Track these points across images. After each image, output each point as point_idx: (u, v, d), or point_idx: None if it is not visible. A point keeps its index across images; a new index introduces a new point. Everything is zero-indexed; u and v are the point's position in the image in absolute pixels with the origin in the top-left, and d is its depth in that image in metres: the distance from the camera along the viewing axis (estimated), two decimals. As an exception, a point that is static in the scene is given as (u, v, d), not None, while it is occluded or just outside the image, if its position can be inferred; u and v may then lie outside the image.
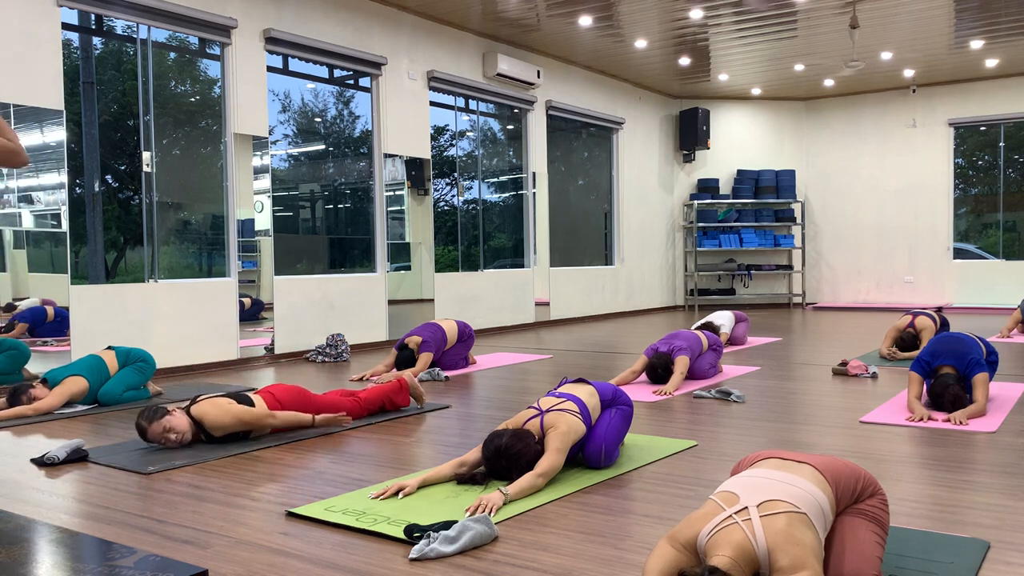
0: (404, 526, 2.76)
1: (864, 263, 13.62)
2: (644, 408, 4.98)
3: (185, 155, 7.63)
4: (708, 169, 13.82)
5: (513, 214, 11.01)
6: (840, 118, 13.68)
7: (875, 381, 5.84)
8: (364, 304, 8.46)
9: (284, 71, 7.99)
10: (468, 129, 10.29)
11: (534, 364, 7.15)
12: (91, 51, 7.09)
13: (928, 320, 7.10)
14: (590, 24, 9.45)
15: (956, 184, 12.99)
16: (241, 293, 7.40)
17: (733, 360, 7.09)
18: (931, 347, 4.82)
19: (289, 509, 3.04)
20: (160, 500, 3.23)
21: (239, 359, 7.32)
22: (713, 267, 13.73)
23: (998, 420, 4.39)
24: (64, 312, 6.22)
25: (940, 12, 9.13)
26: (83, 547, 2.67)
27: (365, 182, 8.95)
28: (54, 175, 6.21)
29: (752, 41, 10.28)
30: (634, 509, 3.01)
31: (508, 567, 2.46)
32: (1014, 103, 12.32)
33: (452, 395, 5.59)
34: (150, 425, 4.00)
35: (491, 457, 3.29)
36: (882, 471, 3.46)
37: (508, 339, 9.30)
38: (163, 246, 7.19)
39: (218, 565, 2.52)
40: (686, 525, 2.08)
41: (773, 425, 4.44)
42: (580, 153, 12.33)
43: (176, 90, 7.58)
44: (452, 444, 4.12)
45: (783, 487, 2.11)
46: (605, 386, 3.77)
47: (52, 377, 5.23)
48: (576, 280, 11.52)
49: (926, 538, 2.60)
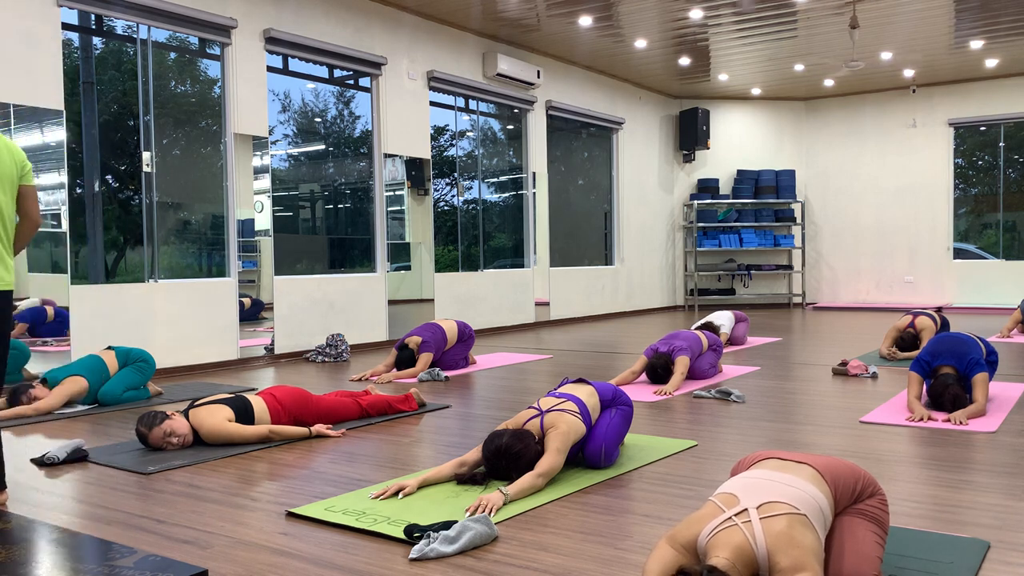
0: (404, 526, 2.76)
1: (864, 263, 13.62)
2: (644, 408, 4.98)
3: (185, 155, 7.63)
4: (708, 169, 13.82)
5: (513, 214, 11.01)
6: (840, 118, 13.68)
7: (875, 381, 5.84)
8: (364, 304, 8.46)
9: (284, 71, 7.99)
10: (468, 129, 10.30)
11: (534, 364, 7.15)
12: (91, 51, 7.09)
13: (928, 320, 7.10)
14: (590, 24, 9.45)
15: (956, 184, 12.99)
16: (241, 293, 7.40)
17: (733, 360, 7.09)
18: (931, 347, 4.82)
19: (289, 509, 3.04)
20: (160, 500, 3.23)
21: (239, 359, 7.32)
22: (713, 267, 13.73)
23: (998, 420, 4.39)
24: (64, 312, 6.22)
25: (940, 12, 9.12)
26: (83, 547, 2.67)
27: (365, 182, 8.95)
28: (54, 175, 6.20)
29: (752, 41, 10.28)
30: (634, 509, 3.01)
31: (508, 567, 2.46)
32: (1014, 103, 12.32)
33: (452, 395, 5.59)
34: (150, 431, 4.00)
35: (491, 457, 3.29)
36: (882, 471, 3.46)
37: (508, 339, 9.30)
38: (163, 246, 7.19)
39: (218, 565, 2.52)
40: (686, 526, 2.08)
41: (773, 425, 4.44)
42: (580, 153, 12.33)
43: (176, 90, 7.58)
44: (452, 444, 4.12)
45: (783, 488, 2.11)
46: (605, 386, 3.77)
47: (52, 377, 5.23)
48: (576, 280, 11.52)
49: (926, 538, 2.60)
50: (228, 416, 4.10)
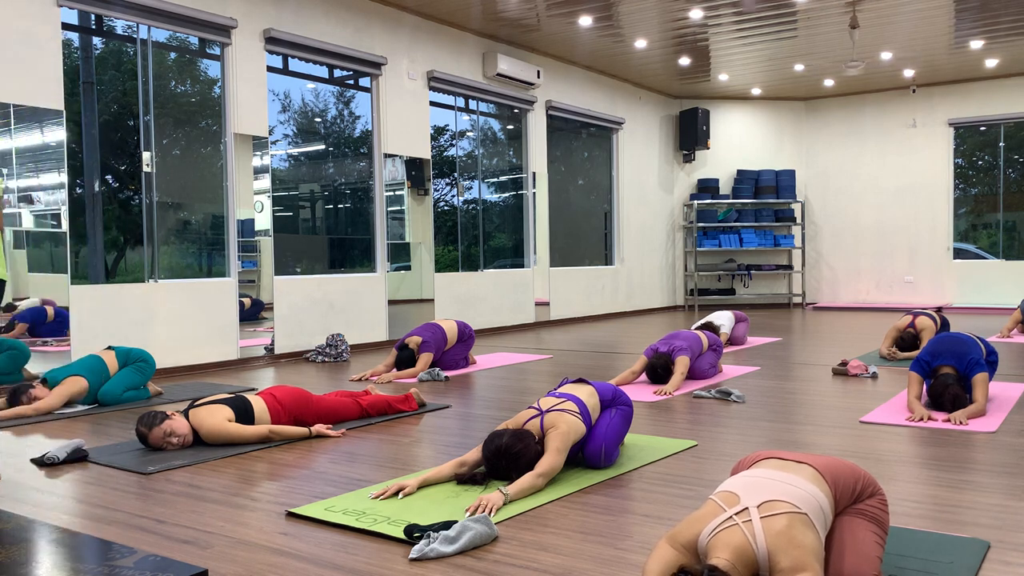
0: (404, 526, 2.76)
1: (864, 263, 13.62)
2: (644, 408, 4.98)
3: (185, 155, 7.63)
4: (708, 169, 13.82)
5: (513, 214, 11.01)
6: (840, 118, 13.68)
7: (875, 381, 5.84)
8: (364, 304, 8.46)
9: (284, 71, 7.99)
10: (468, 129, 10.30)
11: (534, 364, 7.15)
12: (91, 51, 7.09)
13: (928, 320, 7.10)
14: (590, 24, 9.45)
15: (956, 184, 12.99)
16: (241, 293, 7.40)
17: (733, 360, 7.09)
18: (931, 347, 4.82)
19: (289, 509, 3.04)
20: (160, 500, 3.23)
21: (239, 359, 7.32)
22: (713, 267, 13.73)
23: (998, 420, 4.39)
24: (64, 312, 6.22)
25: (940, 12, 9.13)
26: (83, 547, 2.67)
27: (365, 182, 8.95)
28: (54, 175, 6.20)
29: (752, 41, 10.28)
30: (634, 509, 3.01)
31: (508, 567, 2.46)
32: (1014, 103, 12.32)
33: (452, 395, 5.58)
34: (150, 431, 4.00)
35: (491, 457, 3.29)
36: (882, 471, 3.46)
37: (508, 339, 9.30)
38: (163, 246, 7.19)
39: (218, 565, 2.52)
40: (686, 526, 2.08)
41: (773, 425, 4.44)
42: (580, 153, 12.33)
43: (176, 90, 7.58)
44: (452, 444, 4.12)
45: (783, 487, 2.10)
46: (605, 386, 3.77)
47: (52, 377, 5.23)
48: (576, 280, 11.52)
49: (926, 538, 2.60)
50: (228, 416, 4.10)
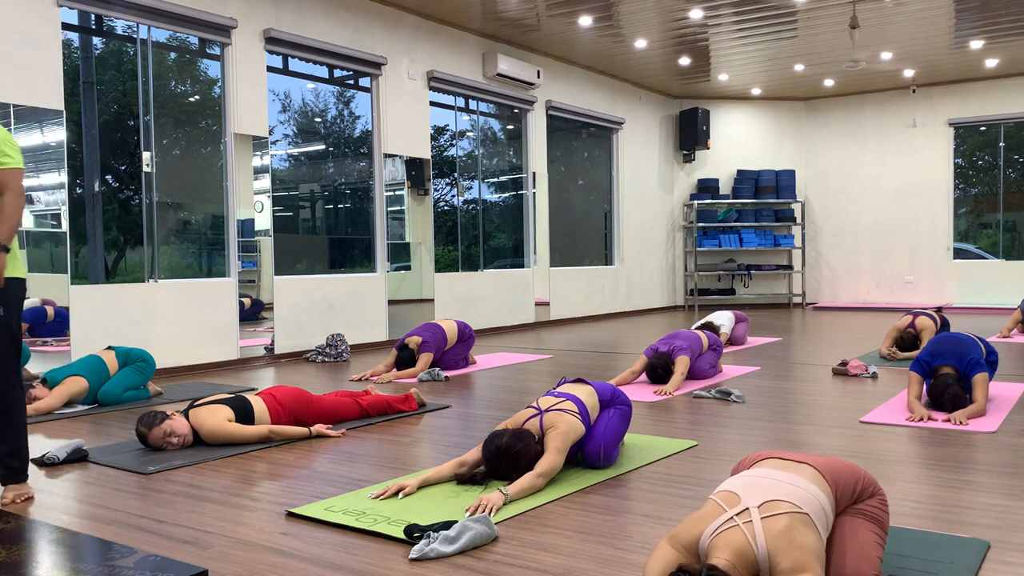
0: (404, 526, 2.76)
1: (864, 263, 13.62)
2: (644, 408, 4.98)
3: (185, 155, 7.63)
4: (708, 169, 13.82)
5: (513, 214, 11.01)
6: (840, 118, 13.68)
7: (875, 381, 5.84)
8: (364, 304, 8.46)
9: (284, 71, 7.99)
10: (468, 129, 10.29)
11: (534, 364, 7.15)
12: (91, 51, 7.09)
13: (928, 320, 7.10)
14: (590, 24, 9.45)
15: (956, 184, 12.98)
16: (241, 293, 7.39)
17: (733, 360, 7.09)
18: (931, 347, 4.82)
19: (289, 509, 3.04)
20: (160, 500, 3.23)
21: (239, 359, 7.32)
22: (713, 267, 13.72)
23: (998, 420, 4.39)
24: (64, 312, 6.22)
25: (940, 12, 9.12)
26: (83, 547, 2.67)
27: (365, 182, 8.95)
28: (54, 175, 6.20)
29: (752, 41, 10.27)
30: (634, 509, 3.01)
31: (508, 567, 2.46)
32: (1014, 103, 12.32)
33: (452, 395, 5.58)
34: (150, 431, 4.00)
35: (491, 457, 3.29)
36: (882, 471, 3.46)
37: (508, 339, 9.30)
38: (163, 246, 7.19)
39: (218, 565, 2.52)
40: (687, 526, 2.07)
41: (773, 425, 4.44)
42: (580, 153, 12.33)
43: (176, 90, 7.58)
44: (452, 444, 4.12)
45: (784, 487, 2.10)
46: (604, 386, 3.77)
47: (52, 377, 5.23)
48: (576, 280, 11.52)
49: (926, 538, 2.60)
50: (228, 416, 4.10)
